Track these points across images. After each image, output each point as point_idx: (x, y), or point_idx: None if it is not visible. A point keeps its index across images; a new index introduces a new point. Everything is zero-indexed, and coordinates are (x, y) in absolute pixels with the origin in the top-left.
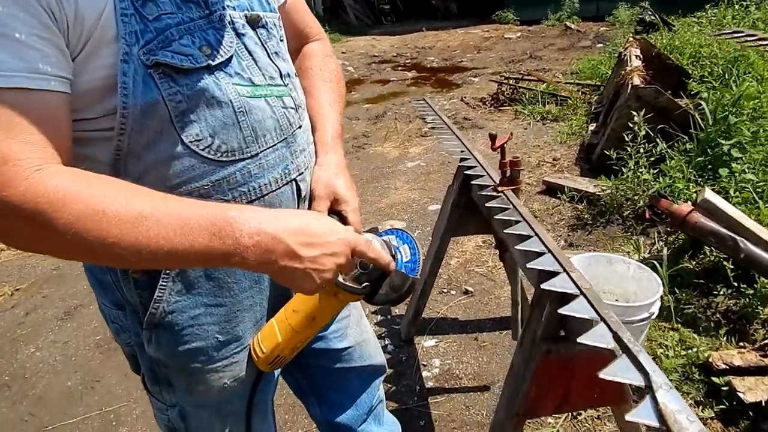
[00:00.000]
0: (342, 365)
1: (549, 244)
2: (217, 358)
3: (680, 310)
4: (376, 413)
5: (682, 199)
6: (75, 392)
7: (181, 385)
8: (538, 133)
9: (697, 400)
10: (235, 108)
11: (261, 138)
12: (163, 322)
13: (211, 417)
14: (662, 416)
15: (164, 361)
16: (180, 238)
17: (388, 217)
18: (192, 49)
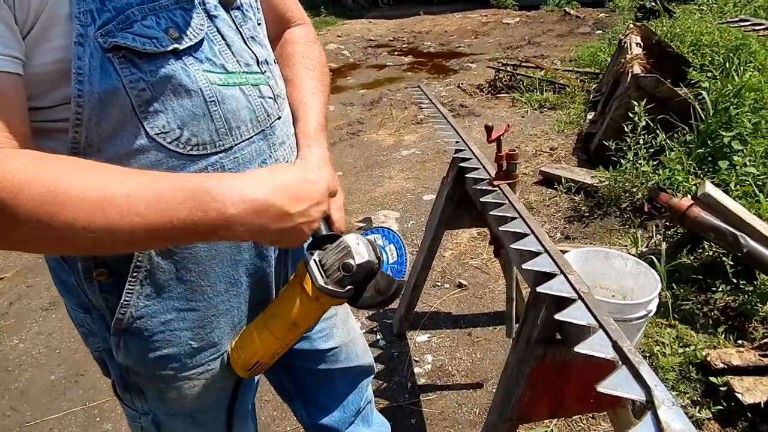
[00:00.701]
0: (328, 366)
1: (546, 243)
2: (191, 365)
3: (678, 307)
4: (364, 414)
5: (681, 191)
6: (58, 386)
7: (152, 393)
8: (535, 122)
9: (694, 400)
10: (206, 97)
11: (235, 130)
12: (131, 327)
13: (186, 426)
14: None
15: (134, 368)
16: (155, 215)
17: (382, 206)
18: (156, 31)
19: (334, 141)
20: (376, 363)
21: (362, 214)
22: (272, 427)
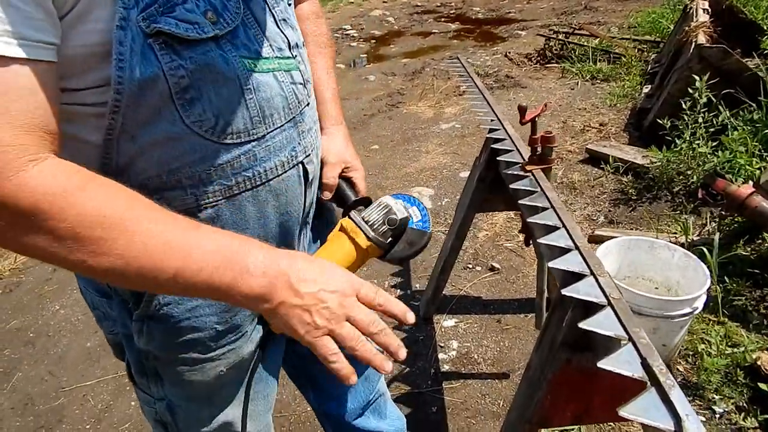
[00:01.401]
0: None
1: (577, 239)
2: (214, 348)
3: (729, 302)
4: (375, 407)
5: (742, 176)
6: (93, 354)
7: (171, 377)
8: (585, 95)
9: (739, 406)
10: (242, 84)
11: (268, 118)
12: (158, 314)
13: (202, 408)
14: None
15: (155, 353)
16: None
17: (417, 183)
18: (197, 15)
19: (372, 113)
20: None
21: (395, 191)
22: (293, 406)
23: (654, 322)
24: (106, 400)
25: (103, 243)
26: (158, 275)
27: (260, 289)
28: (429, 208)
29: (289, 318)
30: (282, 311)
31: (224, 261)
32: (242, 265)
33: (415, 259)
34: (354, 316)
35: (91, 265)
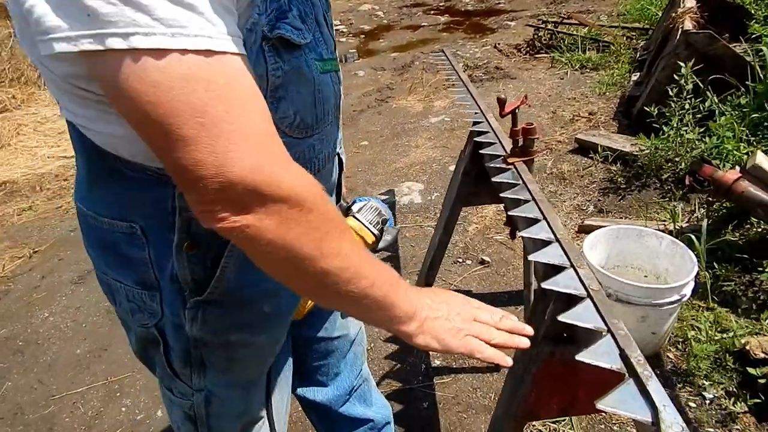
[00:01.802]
0: (317, 335)
1: (558, 231)
2: (259, 332)
3: (718, 288)
4: (360, 393)
5: (730, 161)
6: (83, 360)
7: (217, 363)
8: (575, 84)
9: (729, 391)
10: (315, 85)
11: (326, 114)
12: (218, 299)
13: (238, 397)
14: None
15: (207, 339)
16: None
17: (406, 178)
18: (299, 21)
19: (361, 108)
20: (390, 344)
21: (385, 187)
22: None
23: (643, 311)
24: (97, 407)
25: (339, 241)
26: (360, 283)
27: (413, 309)
28: (419, 202)
29: (436, 329)
30: (428, 325)
31: (395, 281)
32: (402, 289)
33: (405, 255)
34: (478, 316)
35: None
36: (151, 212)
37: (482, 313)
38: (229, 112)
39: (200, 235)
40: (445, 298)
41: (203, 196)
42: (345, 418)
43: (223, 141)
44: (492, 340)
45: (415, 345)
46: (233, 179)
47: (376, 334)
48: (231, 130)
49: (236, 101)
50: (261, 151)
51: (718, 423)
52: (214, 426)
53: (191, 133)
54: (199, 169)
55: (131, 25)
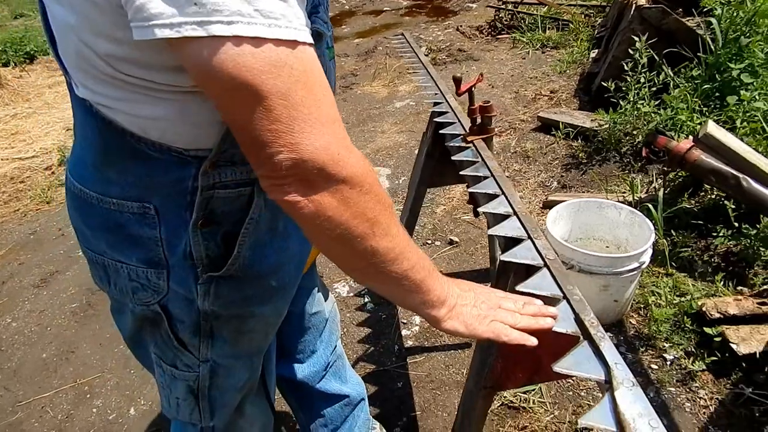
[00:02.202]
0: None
1: (515, 205)
2: (267, 303)
3: (676, 254)
4: (335, 370)
5: (685, 132)
6: (50, 364)
7: (227, 335)
8: (536, 63)
9: (688, 351)
10: (327, 71)
11: None
12: (233, 274)
13: (242, 368)
14: (620, 420)
15: (218, 312)
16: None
17: (374, 163)
18: (325, 14)
19: None
20: (363, 327)
21: None
22: None
23: (605, 280)
24: (66, 410)
25: (389, 222)
26: (403, 263)
27: (445, 296)
28: (387, 187)
29: (464, 315)
30: (457, 310)
31: (431, 267)
32: (436, 275)
33: None
34: (502, 303)
35: (377, 243)
36: (170, 192)
37: (506, 301)
38: (306, 96)
39: (217, 213)
40: (471, 287)
41: (276, 171)
42: (321, 394)
43: (300, 122)
44: (517, 324)
45: (443, 329)
46: (305, 156)
47: (348, 319)
48: (307, 113)
49: (312, 88)
50: (330, 133)
51: (678, 382)
52: (216, 398)
53: (275, 113)
54: (276, 145)
55: (235, 14)
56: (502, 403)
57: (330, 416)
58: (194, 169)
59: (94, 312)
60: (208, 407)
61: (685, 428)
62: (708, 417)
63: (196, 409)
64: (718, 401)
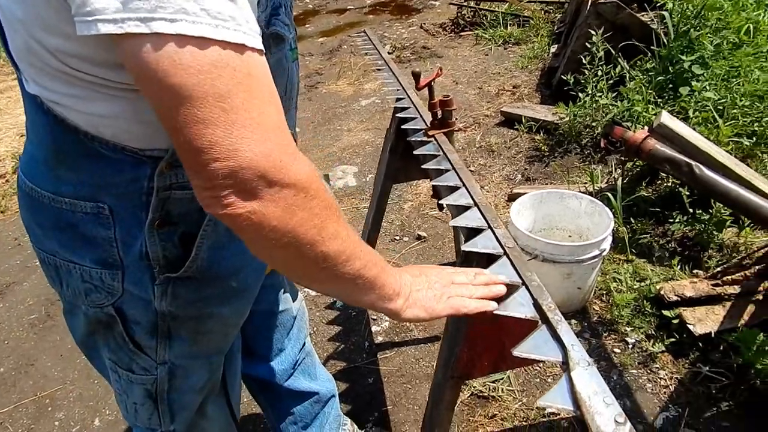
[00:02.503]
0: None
1: (476, 196)
2: (227, 303)
3: (635, 241)
4: (304, 367)
5: (641, 122)
6: (8, 378)
7: (185, 335)
8: (499, 59)
9: (648, 334)
10: (289, 75)
11: (291, 100)
12: (191, 275)
13: (201, 369)
14: (576, 399)
15: (176, 312)
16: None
17: (340, 161)
18: (286, 16)
19: None
20: (333, 326)
21: (319, 172)
22: None
23: (568, 268)
24: (27, 425)
25: (336, 225)
26: (354, 264)
27: (399, 287)
28: (354, 185)
29: (421, 300)
30: (414, 297)
31: (381, 263)
32: (389, 269)
33: None
34: (454, 278)
35: (323, 250)
36: (124, 192)
37: (458, 275)
38: (248, 101)
39: (174, 214)
40: (422, 270)
41: (212, 180)
42: (290, 392)
43: (240, 127)
44: (473, 295)
45: (404, 319)
46: (243, 164)
47: (318, 318)
48: (248, 117)
49: (256, 92)
50: (272, 140)
51: (640, 364)
52: (175, 401)
53: (212, 116)
54: (213, 151)
55: (180, 12)
56: (472, 393)
57: (300, 414)
58: (150, 169)
59: (53, 323)
60: (168, 411)
61: (647, 408)
62: (668, 396)
63: (156, 413)
64: (677, 380)
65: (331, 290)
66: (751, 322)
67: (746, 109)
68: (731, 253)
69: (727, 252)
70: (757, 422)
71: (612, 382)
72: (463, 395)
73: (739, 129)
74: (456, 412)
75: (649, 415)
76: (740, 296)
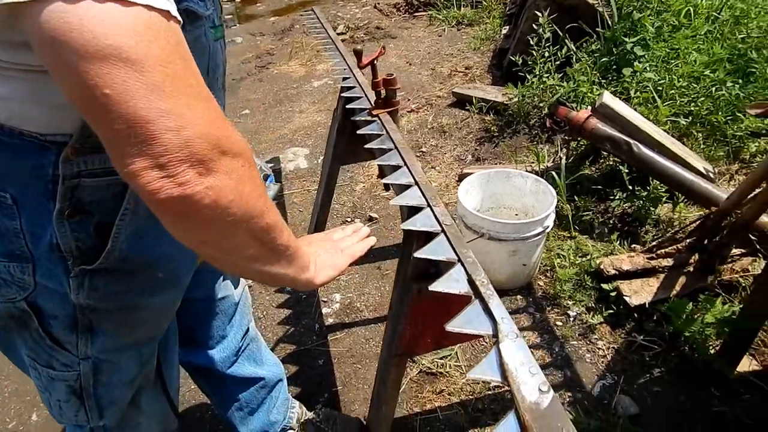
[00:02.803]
0: (201, 297)
1: (417, 174)
2: (156, 293)
3: (579, 218)
4: (248, 353)
5: (587, 103)
6: None
7: (107, 328)
8: (452, 40)
9: (589, 307)
10: (210, 54)
11: (216, 82)
12: (109, 267)
13: (130, 361)
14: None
15: (95, 305)
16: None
17: (291, 143)
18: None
19: (241, 76)
20: (284, 308)
21: (270, 154)
22: None
23: (513, 245)
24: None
25: (263, 201)
26: (282, 234)
27: (308, 255)
28: (305, 167)
29: (325, 261)
30: (320, 262)
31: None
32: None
33: (294, 221)
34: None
35: (268, 221)
36: (28, 180)
37: (336, 233)
38: (186, 69)
39: (86, 203)
40: (310, 240)
41: (166, 154)
42: (234, 379)
43: (185, 95)
44: (355, 242)
45: (319, 284)
46: (198, 132)
47: (268, 302)
48: (188, 85)
49: (188, 61)
50: (214, 108)
51: (580, 336)
52: (103, 396)
53: (157, 80)
54: (165, 120)
55: None
56: (421, 371)
57: (245, 400)
58: (54, 155)
59: None
60: (96, 406)
61: (586, 377)
62: (605, 365)
63: (82, 409)
64: (614, 350)
65: (263, 269)
66: (682, 293)
67: (684, 89)
68: (666, 228)
69: (663, 227)
70: (686, 386)
71: (554, 354)
72: (412, 372)
73: (677, 109)
74: (405, 389)
75: (588, 383)
76: (673, 268)
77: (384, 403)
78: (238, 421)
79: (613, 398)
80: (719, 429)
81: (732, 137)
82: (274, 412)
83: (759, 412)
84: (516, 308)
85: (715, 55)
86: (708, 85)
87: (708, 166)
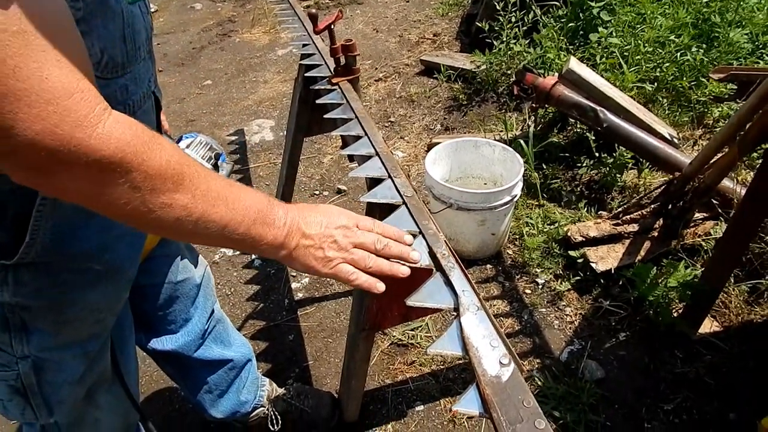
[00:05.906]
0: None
1: (378, 145)
2: (91, 289)
3: (547, 186)
4: (215, 335)
5: (554, 69)
6: None
7: (44, 326)
8: (420, 6)
9: (557, 274)
10: (125, 19)
11: (137, 50)
12: (33, 261)
13: (75, 359)
14: (465, 344)
15: (25, 303)
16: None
17: (256, 115)
18: None
19: (201, 45)
20: (252, 284)
21: (233, 127)
22: None
23: (481, 215)
24: None
25: (172, 194)
26: (210, 226)
27: (282, 238)
28: (271, 139)
29: (306, 258)
30: (298, 253)
31: (258, 215)
32: (269, 219)
33: None
34: (359, 242)
35: (159, 215)
36: None
37: (362, 238)
38: (20, 67)
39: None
40: (324, 217)
41: None
42: (201, 362)
43: (10, 101)
44: (368, 267)
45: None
46: (22, 143)
47: (236, 278)
48: (21, 88)
49: (31, 54)
50: (56, 113)
51: (548, 303)
52: (50, 394)
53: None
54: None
55: None
56: (392, 343)
57: (214, 382)
58: None
59: None
60: (44, 404)
61: (554, 344)
62: (573, 331)
63: (28, 407)
64: (581, 316)
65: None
66: (647, 258)
67: (649, 55)
68: (632, 194)
69: (628, 193)
70: (650, 349)
71: (523, 322)
72: (383, 345)
73: (643, 75)
74: (376, 361)
75: (556, 350)
76: (638, 234)
77: (354, 377)
78: (208, 404)
79: (581, 363)
80: (681, 388)
81: (696, 102)
82: (244, 392)
83: (719, 371)
84: (485, 277)
85: (680, 19)
86: (673, 51)
87: (673, 132)
